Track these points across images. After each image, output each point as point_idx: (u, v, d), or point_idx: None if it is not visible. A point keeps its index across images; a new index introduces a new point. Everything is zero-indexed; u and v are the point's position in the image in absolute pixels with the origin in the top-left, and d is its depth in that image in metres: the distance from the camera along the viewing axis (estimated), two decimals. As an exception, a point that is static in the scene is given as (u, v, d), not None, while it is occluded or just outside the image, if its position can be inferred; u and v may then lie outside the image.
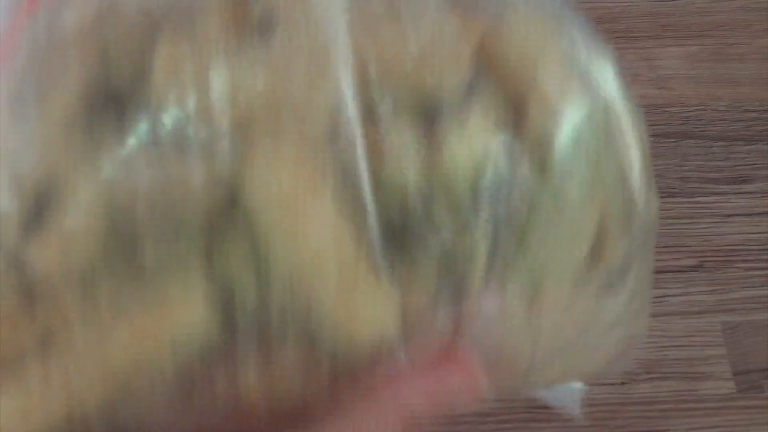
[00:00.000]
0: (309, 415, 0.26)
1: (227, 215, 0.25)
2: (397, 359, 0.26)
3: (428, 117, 0.27)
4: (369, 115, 0.26)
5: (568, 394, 0.36)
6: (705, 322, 0.66)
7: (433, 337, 0.27)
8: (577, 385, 0.36)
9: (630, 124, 0.30)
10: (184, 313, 0.25)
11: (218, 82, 0.25)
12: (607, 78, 0.30)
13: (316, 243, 0.25)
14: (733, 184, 0.71)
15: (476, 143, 0.26)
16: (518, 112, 0.27)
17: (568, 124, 0.28)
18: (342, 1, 0.27)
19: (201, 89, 0.25)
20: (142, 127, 0.25)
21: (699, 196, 0.70)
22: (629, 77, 0.32)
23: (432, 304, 0.27)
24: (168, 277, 0.25)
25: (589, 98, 0.29)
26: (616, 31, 0.77)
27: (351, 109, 0.26)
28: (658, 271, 0.69)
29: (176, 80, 0.25)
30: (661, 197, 0.33)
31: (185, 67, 0.25)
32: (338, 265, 0.25)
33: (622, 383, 0.64)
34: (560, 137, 0.27)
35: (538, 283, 0.28)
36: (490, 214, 0.27)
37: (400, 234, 0.26)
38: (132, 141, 0.25)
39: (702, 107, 0.74)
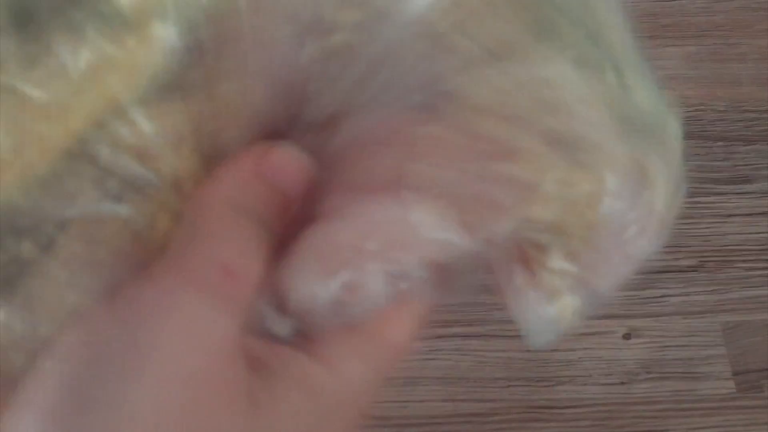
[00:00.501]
0: None
1: None
2: None
3: None
4: None
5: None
6: (705, 322, 0.66)
7: None
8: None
9: None
10: None
11: None
12: None
13: None
14: (733, 184, 0.71)
15: None
16: None
17: None
18: None
19: None
20: None
21: (699, 196, 0.70)
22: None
23: None
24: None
25: None
26: (616, 31, 0.77)
27: None
28: (658, 271, 0.69)
29: None
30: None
31: None
32: None
33: (622, 383, 0.64)
34: None
35: None
36: None
37: None
38: None
39: (702, 107, 0.74)
